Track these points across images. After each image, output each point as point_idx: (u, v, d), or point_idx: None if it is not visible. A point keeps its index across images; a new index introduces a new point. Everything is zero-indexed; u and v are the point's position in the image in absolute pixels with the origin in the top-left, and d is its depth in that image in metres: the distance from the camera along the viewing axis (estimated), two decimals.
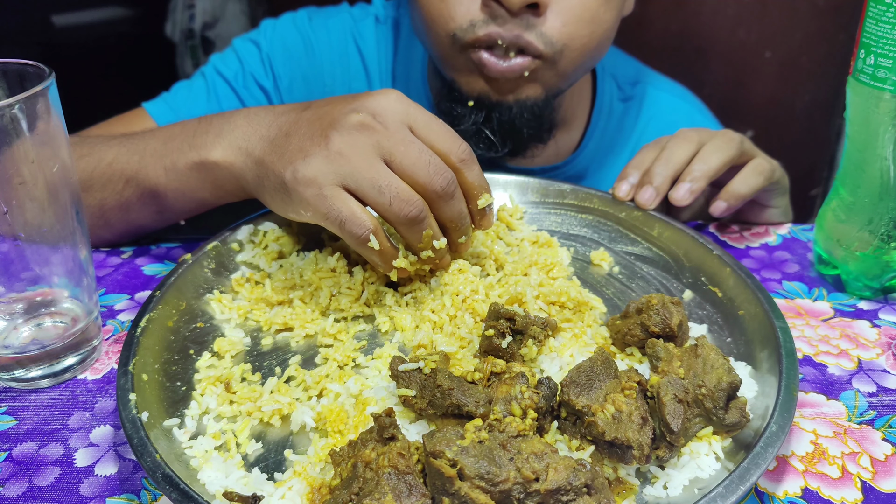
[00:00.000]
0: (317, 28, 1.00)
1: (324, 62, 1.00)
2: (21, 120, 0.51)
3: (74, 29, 2.12)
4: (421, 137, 0.58)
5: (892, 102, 0.60)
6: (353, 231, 0.56)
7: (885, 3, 0.58)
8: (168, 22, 2.29)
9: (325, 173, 0.56)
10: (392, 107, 0.58)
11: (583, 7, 0.77)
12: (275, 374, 0.58)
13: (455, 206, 0.60)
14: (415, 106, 0.59)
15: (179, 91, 0.97)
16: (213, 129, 0.65)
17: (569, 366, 0.55)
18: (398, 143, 0.57)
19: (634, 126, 1.04)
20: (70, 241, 0.57)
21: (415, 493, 0.42)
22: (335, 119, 0.58)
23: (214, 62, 0.99)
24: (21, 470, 0.51)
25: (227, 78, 0.97)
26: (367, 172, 0.56)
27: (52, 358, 0.58)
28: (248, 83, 0.97)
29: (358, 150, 0.56)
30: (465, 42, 0.78)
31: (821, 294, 0.70)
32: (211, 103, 0.95)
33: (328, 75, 1.00)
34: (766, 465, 0.44)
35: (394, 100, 0.59)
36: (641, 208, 0.74)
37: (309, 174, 0.56)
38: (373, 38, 1.01)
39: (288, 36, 1.00)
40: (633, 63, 1.09)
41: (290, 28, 1.00)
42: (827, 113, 1.62)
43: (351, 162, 0.56)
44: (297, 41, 0.99)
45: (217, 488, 0.46)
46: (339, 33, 1.01)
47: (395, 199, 0.56)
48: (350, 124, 0.57)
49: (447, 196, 0.58)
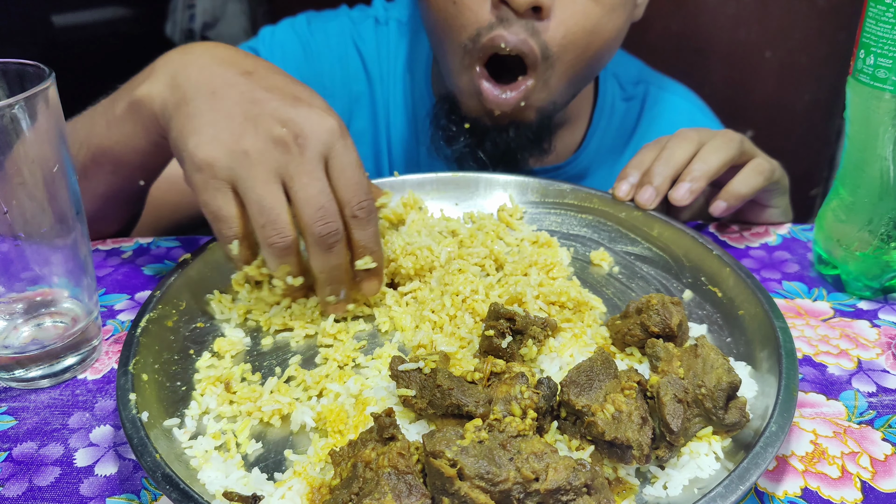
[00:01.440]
0: (316, 32, 1.00)
1: (323, 66, 1.00)
2: (21, 120, 0.51)
3: (74, 29, 2.12)
4: (331, 177, 0.56)
5: (892, 102, 0.60)
6: (220, 230, 0.57)
7: (885, 3, 0.58)
8: (168, 22, 2.29)
9: (221, 165, 0.55)
10: (318, 136, 0.56)
11: (584, 15, 0.78)
12: (275, 374, 0.58)
13: (330, 259, 0.57)
14: (342, 143, 0.57)
15: None
16: (149, 68, 0.63)
17: (569, 366, 0.55)
18: (303, 174, 0.55)
19: (637, 125, 1.04)
20: (70, 241, 0.57)
21: (415, 493, 0.42)
22: (260, 118, 0.56)
23: None
24: (21, 470, 0.51)
25: None
26: (258, 187, 0.55)
27: (52, 358, 0.58)
28: None
29: (262, 162, 0.55)
30: (473, 52, 0.79)
31: (821, 294, 0.70)
32: None
33: (328, 78, 1.00)
34: (765, 465, 0.44)
35: (325, 129, 0.56)
36: (641, 208, 0.74)
37: (208, 158, 0.55)
38: (373, 39, 1.01)
39: (287, 42, 1.00)
40: (635, 63, 1.09)
41: (288, 34, 1.00)
42: (827, 113, 1.62)
43: (251, 169, 0.55)
44: (296, 47, 0.99)
45: (217, 488, 0.46)
46: (338, 36, 1.01)
47: (268, 223, 0.55)
48: (270, 135, 0.55)
49: (324, 245, 0.56)
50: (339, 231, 0.57)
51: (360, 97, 1.02)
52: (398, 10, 1.04)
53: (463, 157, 0.88)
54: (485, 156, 0.86)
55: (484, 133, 0.85)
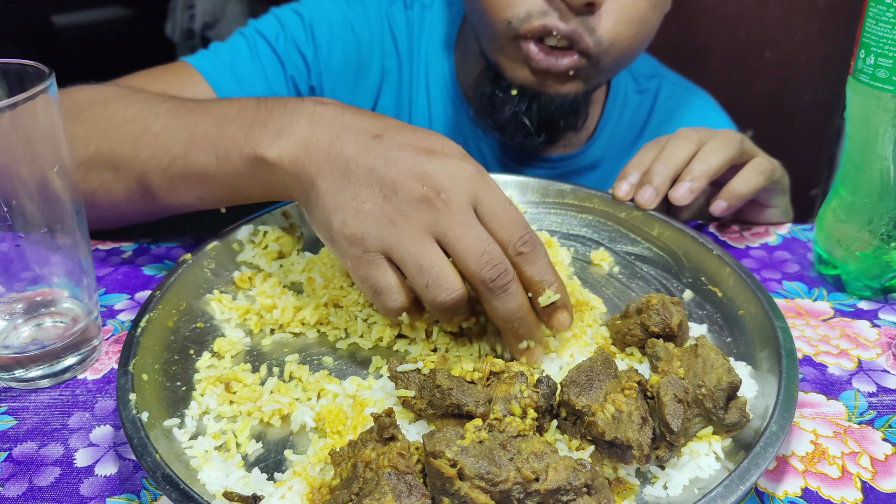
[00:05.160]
0: (354, 6, 1.01)
1: (362, 38, 1.00)
2: (21, 120, 0.51)
3: (74, 29, 2.12)
4: (484, 222, 0.54)
5: (892, 102, 0.60)
6: (385, 304, 0.55)
7: (885, 3, 0.58)
8: (168, 22, 2.29)
9: (372, 237, 0.53)
10: (462, 184, 0.53)
11: (634, 9, 0.80)
12: (274, 374, 0.58)
13: (508, 301, 0.53)
14: (486, 186, 0.54)
15: (220, 49, 0.95)
16: (273, 124, 0.60)
17: (569, 366, 0.56)
18: (456, 226, 0.52)
19: (649, 119, 1.05)
20: (70, 241, 0.57)
21: (415, 493, 0.42)
22: (399, 180, 0.53)
23: (254, 24, 0.98)
24: (21, 470, 0.51)
25: (268, 39, 0.96)
26: (413, 248, 0.52)
27: (52, 358, 0.58)
28: (289, 48, 0.97)
29: (411, 224, 0.53)
30: (518, 31, 0.80)
31: (821, 294, 0.70)
32: (254, 62, 0.94)
33: (365, 50, 1.00)
34: (766, 465, 0.44)
35: (466, 176, 0.54)
36: (641, 208, 0.74)
37: (357, 233, 0.54)
38: (403, 21, 1.02)
39: (328, 8, 1.00)
40: (649, 59, 1.10)
41: (330, 3, 1.01)
42: (827, 113, 1.62)
43: (400, 234, 0.53)
44: (337, 14, 1.00)
45: (217, 488, 0.46)
46: (375, 12, 1.02)
47: (432, 283, 0.52)
48: (412, 196, 0.53)
49: (498, 289, 0.53)
50: (508, 270, 0.53)
51: (389, 73, 1.02)
52: None
53: (506, 125, 0.89)
54: (530, 122, 0.86)
55: (531, 100, 0.86)
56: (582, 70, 0.82)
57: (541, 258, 0.55)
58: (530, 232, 0.54)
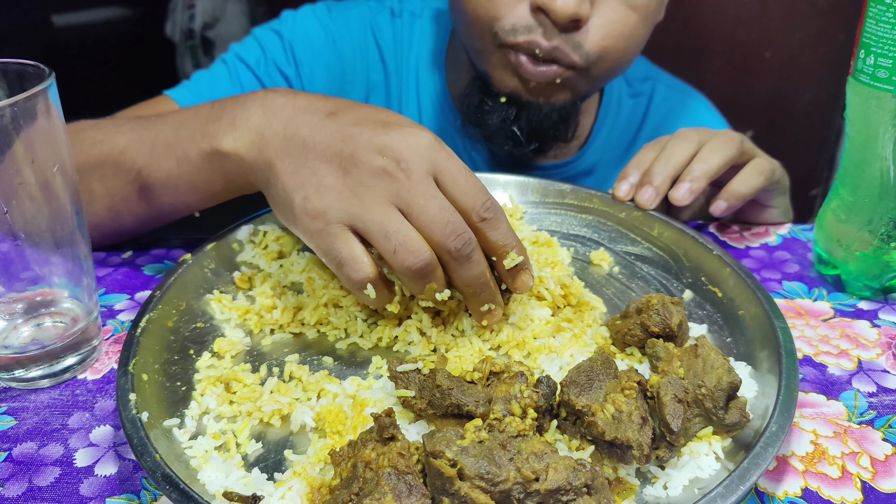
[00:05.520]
0: (336, 19, 1.01)
1: (345, 52, 1.00)
2: (21, 120, 0.51)
3: (74, 29, 2.12)
4: (445, 191, 0.54)
5: (892, 102, 0.60)
6: (350, 275, 0.55)
7: (885, 3, 0.58)
8: (168, 22, 2.29)
9: (334, 210, 0.54)
10: (421, 153, 0.54)
11: (623, 23, 0.79)
12: (274, 374, 0.58)
13: (471, 268, 0.55)
14: (445, 154, 0.55)
15: (201, 78, 0.96)
16: (227, 116, 0.61)
17: (569, 366, 0.56)
18: (418, 196, 0.53)
19: (643, 122, 1.05)
20: (70, 241, 0.57)
21: (415, 493, 0.42)
22: (357, 153, 0.54)
23: (235, 50, 0.99)
24: (21, 470, 0.51)
25: (248, 64, 0.97)
26: (377, 216, 0.53)
27: (52, 358, 0.58)
28: (271, 70, 0.97)
29: (373, 194, 0.53)
30: (503, 42, 0.80)
31: (821, 294, 0.70)
32: (234, 88, 0.95)
33: (349, 65, 1.00)
34: (766, 465, 0.44)
35: (425, 145, 0.54)
36: (641, 208, 0.74)
37: (319, 207, 0.54)
38: (389, 30, 1.02)
39: (309, 25, 1.00)
40: (642, 61, 1.10)
41: (310, 18, 1.01)
42: (827, 113, 1.62)
43: (363, 203, 0.53)
44: (318, 30, 1.00)
45: (217, 488, 0.46)
46: (358, 24, 1.02)
47: (399, 247, 0.52)
48: (372, 167, 0.53)
49: (462, 258, 0.54)
50: (472, 239, 0.54)
51: (376, 86, 1.02)
52: (411, 1, 1.05)
53: (494, 134, 0.89)
54: (519, 131, 0.86)
55: (519, 108, 0.86)
56: (570, 80, 0.82)
57: (503, 223, 0.56)
58: (491, 198, 0.56)
